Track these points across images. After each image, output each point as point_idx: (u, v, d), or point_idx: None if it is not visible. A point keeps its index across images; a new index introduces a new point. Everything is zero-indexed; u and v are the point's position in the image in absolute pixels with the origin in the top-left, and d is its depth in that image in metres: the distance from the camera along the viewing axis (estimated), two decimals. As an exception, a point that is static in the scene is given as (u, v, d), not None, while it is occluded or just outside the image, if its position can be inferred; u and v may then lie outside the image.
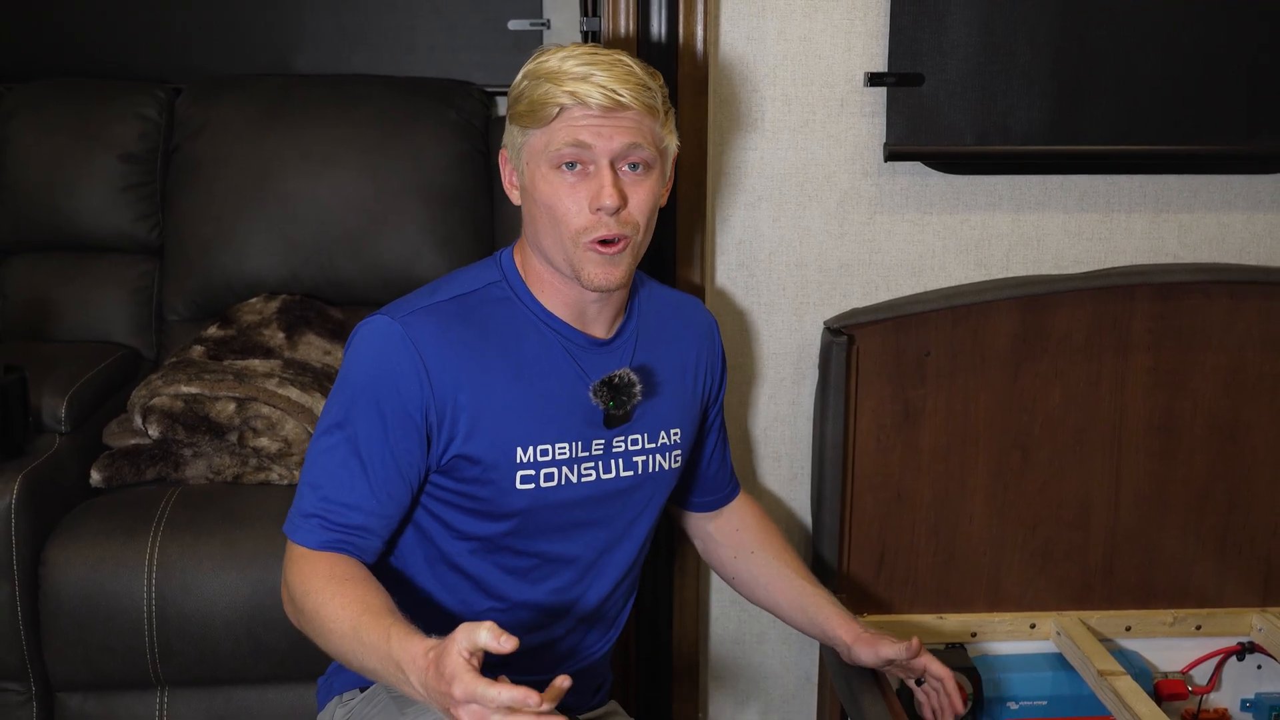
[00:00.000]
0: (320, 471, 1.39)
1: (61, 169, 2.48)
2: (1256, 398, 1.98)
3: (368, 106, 2.54)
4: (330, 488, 1.37)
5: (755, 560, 1.69)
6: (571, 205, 1.38)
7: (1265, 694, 2.04)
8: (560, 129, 1.37)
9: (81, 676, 1.95)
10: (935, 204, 1.98)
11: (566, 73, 1.36)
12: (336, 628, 1.28)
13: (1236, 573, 2.03)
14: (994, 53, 1.89)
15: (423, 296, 1.45)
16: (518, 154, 1.43)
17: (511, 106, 1.43)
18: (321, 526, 1.37)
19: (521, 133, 1.41)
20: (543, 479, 1.44)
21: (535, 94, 1.38)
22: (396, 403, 1.37)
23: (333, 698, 1.53)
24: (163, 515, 1.96)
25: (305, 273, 2.47)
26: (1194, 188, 2.01)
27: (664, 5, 1.84)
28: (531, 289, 1.46)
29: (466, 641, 1.09)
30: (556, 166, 1.38)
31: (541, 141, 1.39)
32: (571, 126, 1.37)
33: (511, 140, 1.44)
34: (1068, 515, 1.99)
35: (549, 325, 1.45)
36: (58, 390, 2.08)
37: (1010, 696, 1.93)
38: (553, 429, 1.44)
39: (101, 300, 2.48)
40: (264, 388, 2.12)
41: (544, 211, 1.40)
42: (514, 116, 1.42)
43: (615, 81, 1.36)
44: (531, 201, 1.42)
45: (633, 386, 1.45)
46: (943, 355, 1.93)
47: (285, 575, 1.38)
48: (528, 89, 1.39)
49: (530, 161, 1.41)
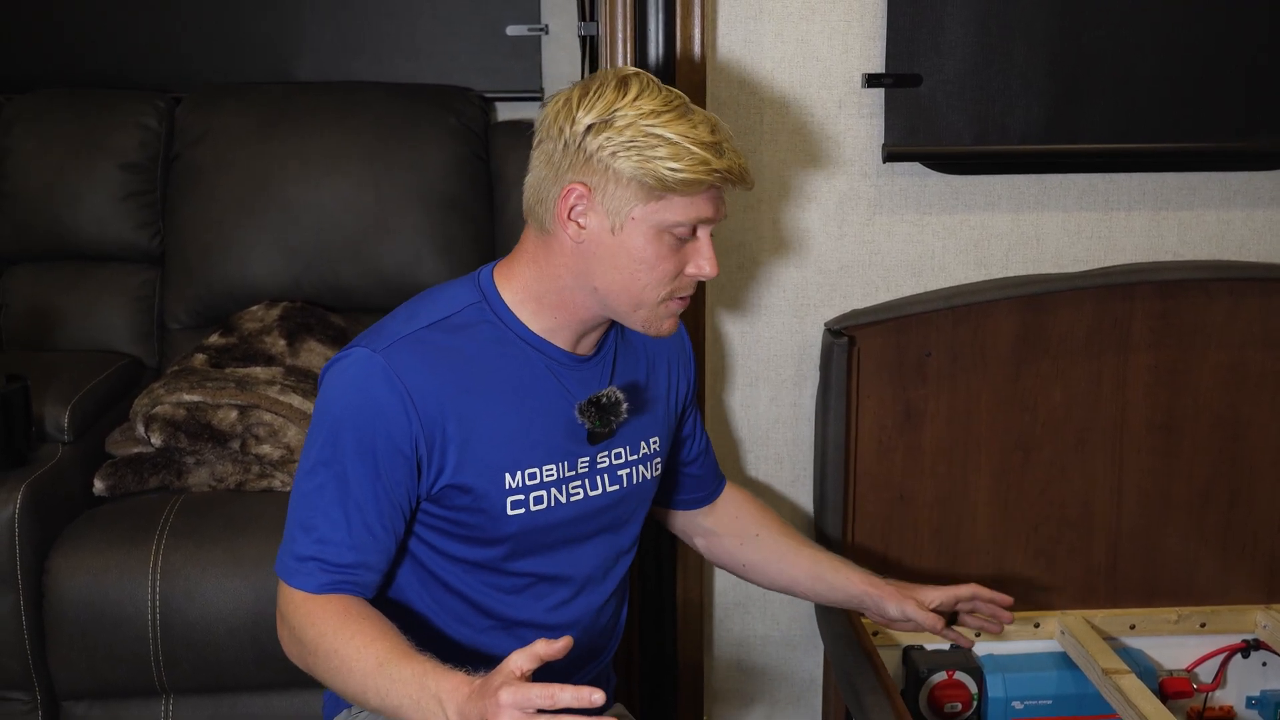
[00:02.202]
0: (311, 512, 1.35)
1: (62, 178, 2.49)
2: (1258, 395, 1.98)
3: (367, 113, 2.54)
4: (324, 529, 1.35)
5: (763, 542, 1.68)
6: (671, 269, 1.37)
7: (1271, 691, 2.04)
8: (697, 203, 1.34)
9: (86, 685, 1.95)
10: (934, 204, 1.98)
11: (714, 146, 1.33)
12: (359, 666, 1.28)
13: (1240, 570, 2.03)
14: (991, 53, 1.89)
15: (401, 323, 1.40)
16: (625, 206, 1.34)
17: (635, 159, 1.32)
18: (320, 569, 1.34)
19: (644, 191, 1.33)
20: (532, 502, 1.42)
21: (683, 163, 1.31)
22: (384, 438, 1.35)
23: (341, 710, 1.52)
24: (166, 523, 1.96)
25: (306, 280, 2.47)
26: (1193, 185, 2.01)
27: (661, 10, 1.84)
28: (515, 311, 1.43)
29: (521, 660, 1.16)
30: (670, 231, 1.35)
31: (663, 206, 1.33)
32: (708, 203, 1.35)
33: (619, 189, 1.34)
34: (1070, 514, 1.99)
35: (529, 343, 1.43)
36: (60, 399, 2.08)
37: (1015, 696, 1.93)
38: (539, 451, 1.42)
39: (103, 309, 2.48)
40: (266, 395, 2.12)
41: (633, 267, 1.35)
42: (640, 173, 1.32)
43: (745, 162, 1.36)
44: (612, 250, 1.36)
45: (619, 405, 1.43)
46: (944, 356, 1.93)
47: (286, 617, 1.35)
48: (671, 150, 1.31)
49: (638, 219, 1.34)
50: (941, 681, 1.92)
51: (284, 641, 1.38)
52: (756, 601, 2.08)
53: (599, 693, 1.15)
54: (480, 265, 2.62)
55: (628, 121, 1.33)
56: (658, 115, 1.33)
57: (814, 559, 1.65)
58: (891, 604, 1.59)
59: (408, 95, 2.59)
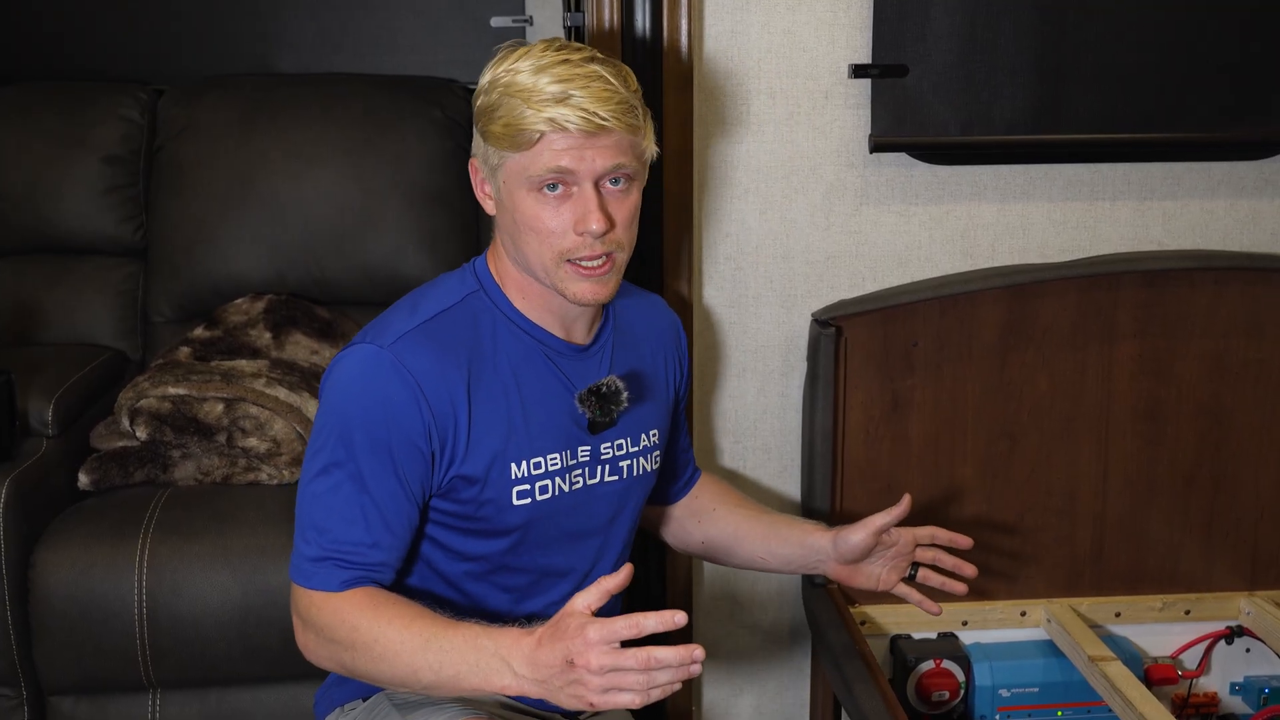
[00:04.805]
0: (324, 513, 1.34)
1: (44, 172, 2.47)
2: (1241, 383, 1.99)
3: (351, 106, 2.53)
4: (339, 529, 1.34)
5: (718, 516, 1.68)
6: (555, 226, 1.34)
7: (1254, 677, 2.06)
8: (541, 155, 1.32)
9: (73, 680, 1.94)
10: (921, 195, 1.99)
11: (541, 92, 1.30)
12: (405, 647, 1.27)
13: (1224, 557, 2.04)
14: (977, 43, 1.90)
15: (403, 317, 1.39)
16: (493, 172, 1.37)
17: (483, 121, 1.35)
18: (338, 567, 1.33)
19: (497, 154, 1.35)
20: (538, 491, 1.42)
21: (510, 116, 1.31)
22: (398, 432, 1.34)
23: (333, 709, 1.51)
24: (152, 517, 1.96)
25: (291, 273, 2.46)
26: (1177, 175, 2.02)
27: (648, 0, 1.84)
28: (510, 297, 1.43)
29: (589, 598, 1.20)
30: (538, 189, 1.34)
31: (519, 165, 1.33)
32: (552, 152, 1.31)
33: (484, 155, 1.38)
34: (1056, 503, 2.00)
35: (529, 334, 1.43)
36: (44, 394, 2.07)
37: (1002, 684, 1.94)
38: (543, 440, 1.42)
39: (86, 303, 2.47)
40: (252, 388, 2.12)
41: (526, 230, 1.36)
42: (487, 135, 1.35)
43: (596, 103, 1.30)
44: (510, 217, 1.38)
45: (620, 394, 1.44)
46: (930, 345, 1.93)
47: (310, 621, 1.34)
48: (502, 109, 1.32)
49: (509, 181, 1.35)
50: (929, 670, 1.93)
51: (308, 646, 1.37)
52: (744, 591, 2.09)
53: (680, 614, 1.18)
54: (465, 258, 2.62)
55: (487, 84, 1.36)
56: (517, 74, 1.32)
57: (770, 523, 1.64)
58: (853, 534, 1.55)
59: (391, 87, 2.59)
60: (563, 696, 1.20)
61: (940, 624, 1.98)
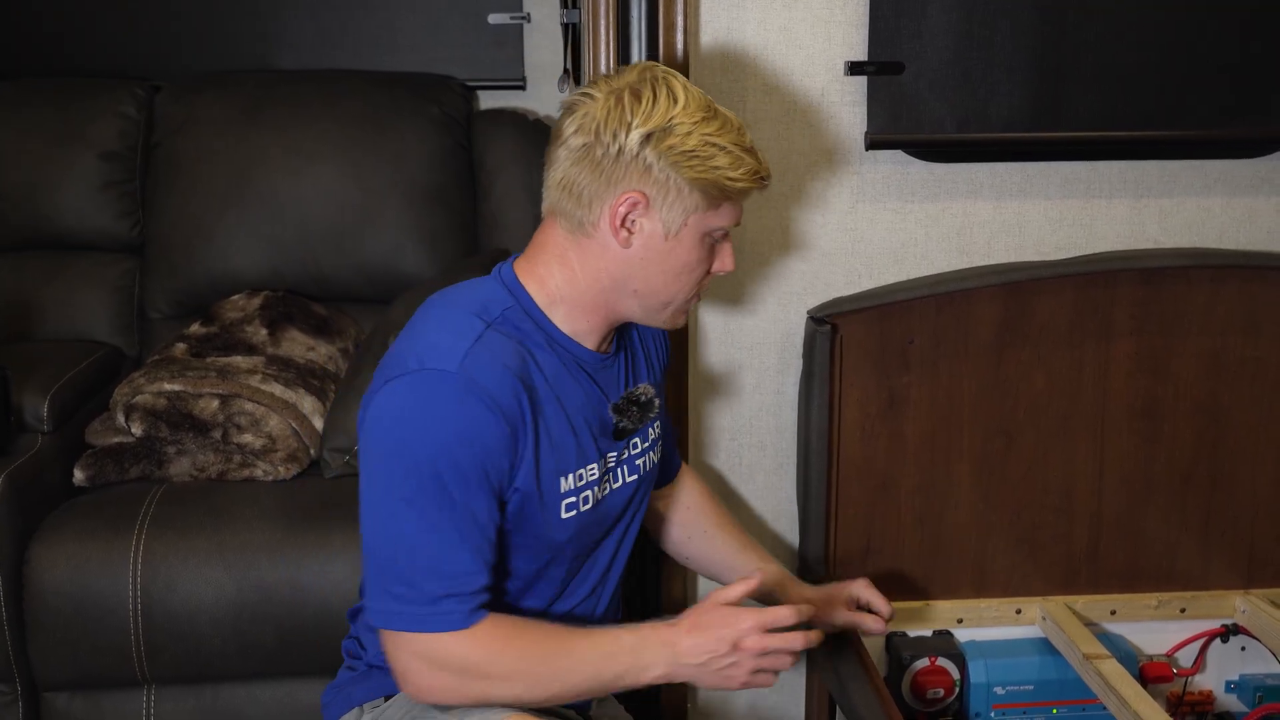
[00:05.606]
0: (428, 552, 1.31)
1: (41, 168, 2.47)
2: (1237, 381, 1.99)
3: (349, 102, 2.53)
4: (449, 563, 1.31)
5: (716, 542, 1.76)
6: (702, 269, 1.43)
7: (1250, 675, 2.05)
8: (733, 210, 1.41)
9: (68, 676, 1.94)
10: (917, 192, 1.99)
11: (753, 152, 1.39)
12: (562, 663, 1.35)
13: (1220, 555, 2.04)
14: (974, 40, 1.90)
15: (451, 336, 1.34)
16: (682, 215, 1.37)
17: (699, 169, 1.35)
18: (458, 603, 1.31)
19: (692, 199, 1.36)
20: (581, 503, 1.43)
21: (740, 172, 1.36)
22: (485, 452, 1.32)
23: (350, 709, 1.49)
24: (147, 513, 1.96)
25: (288, 270, 2.46)
26: (1173, 173, 2.02)
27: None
28: (548, 313, 1.41)
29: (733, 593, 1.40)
30: (711, 237, 1.41)
31: (709, 217, 1.38)
32: (738, 209, 1.42)
33: (680, 198, 1.36)
34: (1052, 500, 2.00)
35: (564, 346, 1.42)
36: (40, 389, 2.07)
37: (997, 681, 1.93)
38: (585, 452, 1.43)
39: (83, 299, 2.47)
40: (247, 384, 2.12)
41: (679, 270, 1.39)
42: (701, 183, 1.35)
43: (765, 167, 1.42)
44: (661, 255, 1.38)
45: (654, 402, 1.49)
46: (926, 343, 1.93)
47: (444, 663, 1.32)
48: (729, 160, 1.35)
49: (692, 225, 1.37)
50: (924, 668, 1.92)
51: (443, 688, 1.34)
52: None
53: (807, 606, 1.43)
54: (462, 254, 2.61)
55: (686, 130, 1.35)
56: (708, 123, 1.36)
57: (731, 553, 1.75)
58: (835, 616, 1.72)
59: (389, 84, 2.59)
60: (714, 677, 1.38)
61: (935, 621, 1.98)
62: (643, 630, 1.38)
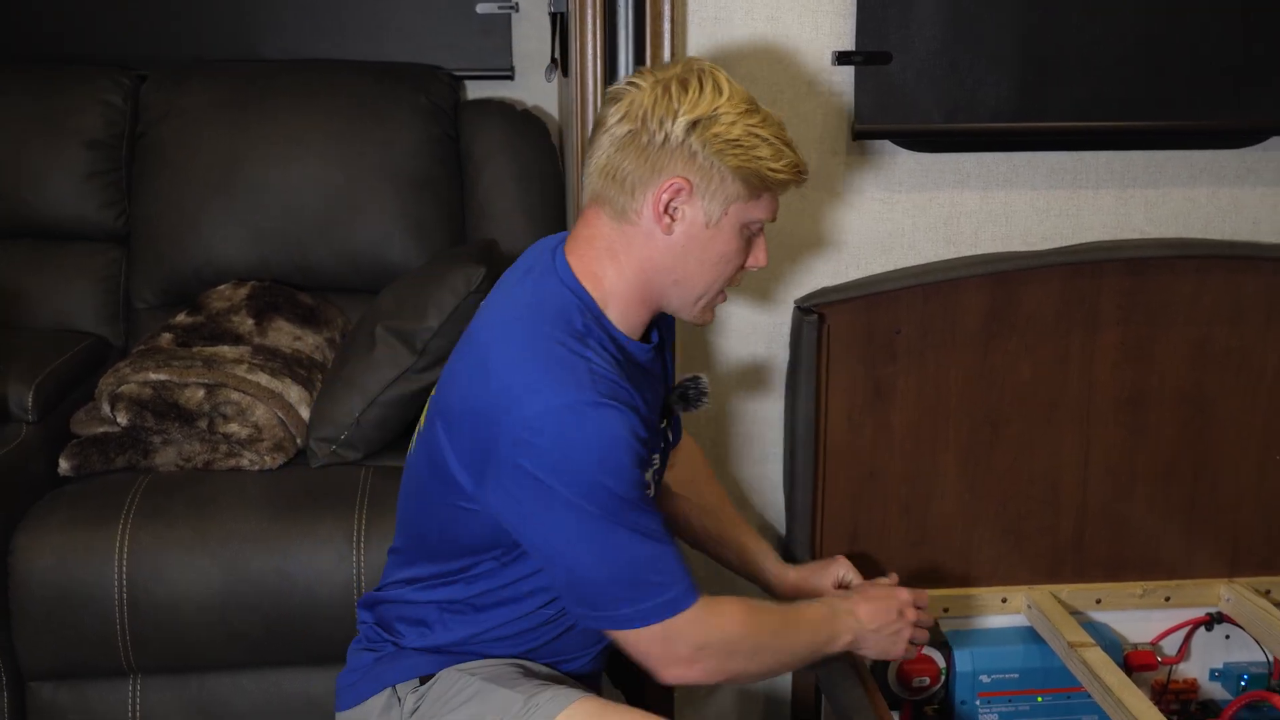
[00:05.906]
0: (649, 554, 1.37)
1: (25, 157, 2.46)
2: (1222, 371, 2.00)
3: (337, 92, 2.53)
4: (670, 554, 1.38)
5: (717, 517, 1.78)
6: (738, 261, 1.44)
7: (1233, 663, 2.07)
8: (771, 202, 1.43)
9: (53, 665, 1.94)
10: (904, 182, 1.99)
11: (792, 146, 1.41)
12: (788, 636, 1.50)
13: (1204, 544, 2.05)
14: (961, 30, 1.90)
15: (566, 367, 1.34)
16: (723, 203, 1.39)
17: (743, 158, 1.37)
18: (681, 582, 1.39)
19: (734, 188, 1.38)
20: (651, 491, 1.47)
21: (781, 164, 1.39)
22: (642, 459, 1.37)
23: (382, 689, 1.48)
24: (132, 503, 1.95)
25: (275, 259, 2.45)
26: (1159, 163, 2.02)
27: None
28: (604, 309, 1.42)
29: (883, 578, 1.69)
30: (749, 229, 1.42)
31: (750, 207, 1.41)
32: (775, 202, 1.44)
33: (722, 185, 1.38)
34: (1038, 490, 2.01)
35: (621, 344, 1.43)
36: (24, 379, 2.06)
37: (983, 670, 1.94)
38: (653, 442, 1.46)
39: (68, 288, 2.46)
40: (233, 374, 2.11)
41: (717, 260, 1.41)
42: (743, 172, 1.37)
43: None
44: (702, 244, 1.40)
45: (707, 388, 1.54)
46: (913, 333, 1.93)
47: (710, 642, 1.41)
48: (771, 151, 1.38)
49: (733, 214, 1.40)
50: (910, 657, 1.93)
51: (710, 672, 1.44)
52: (726, 577, 2.09)
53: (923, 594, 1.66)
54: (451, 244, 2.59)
55: (731, 120, 1.37)
56: (751, 115, 1.39)
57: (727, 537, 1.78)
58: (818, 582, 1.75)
59: (377, 74, 2.58)
60: (884, 643, 1.59)
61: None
62: (827, 603, 1.57)
